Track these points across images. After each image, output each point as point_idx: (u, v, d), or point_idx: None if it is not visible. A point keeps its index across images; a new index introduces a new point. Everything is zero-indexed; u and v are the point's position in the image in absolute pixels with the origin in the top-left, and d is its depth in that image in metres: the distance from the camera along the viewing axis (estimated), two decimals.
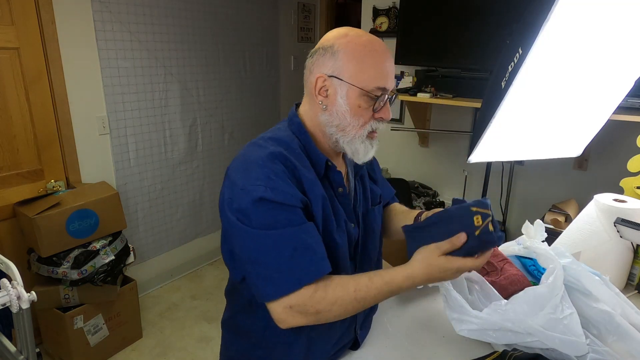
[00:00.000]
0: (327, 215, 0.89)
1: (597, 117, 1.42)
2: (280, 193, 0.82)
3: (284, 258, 0.81)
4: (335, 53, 0.87)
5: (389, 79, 0.88)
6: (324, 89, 0.89)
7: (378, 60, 0.87)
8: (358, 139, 0.90)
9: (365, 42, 0.87)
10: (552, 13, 0.97)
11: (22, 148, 2.11)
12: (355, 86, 0.86)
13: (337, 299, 0.82)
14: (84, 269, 2.01)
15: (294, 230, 0.82)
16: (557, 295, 0.85)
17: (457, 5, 2.30)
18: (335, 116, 0.89)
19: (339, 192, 0.94)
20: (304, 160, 0.89)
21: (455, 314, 0.92)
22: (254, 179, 0.83)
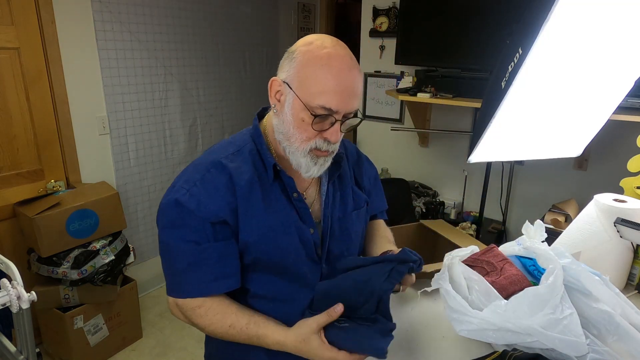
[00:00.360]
0: (265, 221, 0.89)
1: (597, 117, 1.42)
2: (196, 202, 0.85)
3: (177, 269, 0.88)
4: (293, 59, 0.85)
5: (339, 99, 0.82)
6: (279, 93, 0.88)
7: (330, 78, 0.81)
8: (300, 153, 0.88)
9: (324, 55, 0.82)
10: (552, 13, 0.97)
11: (22, 148, 2.11)
12: (299, 98, 0.83)
13: (212, 324, 0.88)
14: (84, 269, 2.01)
15: (194, 248, 0.86)
16: (557, 296, 0.85)
17: (457, 5, 2.30)
18: (282, 123, 0.88)
19: (294, 197, 0.93)
20: (249, 166, 0.90)
21: (455, 314, 0.92)
22: (184, 180, 0.89)
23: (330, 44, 0.84)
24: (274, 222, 0.90)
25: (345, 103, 0.83)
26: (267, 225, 0.90)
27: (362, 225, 1.09)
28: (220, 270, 0.88)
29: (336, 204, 1.01)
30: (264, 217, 0.89)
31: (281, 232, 0.91)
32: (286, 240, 0.91)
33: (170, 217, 0.87)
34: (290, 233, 0.92)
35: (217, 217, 0.86)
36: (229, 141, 0.96)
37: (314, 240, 0.95)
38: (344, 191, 1.03)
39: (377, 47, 2.99)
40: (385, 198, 1.25)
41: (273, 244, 0.90)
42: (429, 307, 1.16)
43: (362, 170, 1.12)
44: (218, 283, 0.88)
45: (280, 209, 0.92)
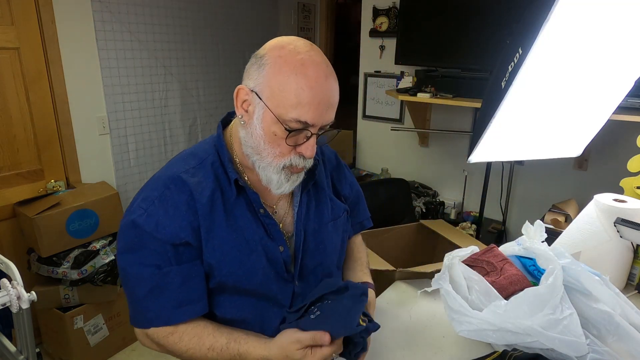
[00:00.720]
0: (229, 240, 0.83)
1: (597, 117, 1.42)
2: (154, 222, 0.79)
3: (138, 297, 0.81)
4: (262, 65, 0.76)
5: (315, 112, 0.74)
6: (246, 103, 0.80)
7: (305, 88, 0.73)
8: (272, 169, 0.80)
9: (298, 62, 0.74)
10: (552, 13, 0.97)
11: (22, 148, 2.11)
12: (270, 111, 0.75)
13: (190, 349, 0.82)
14: (84, 269, 2.01)
15: (155, 272, 0.79)
16: (557, 296, 0.85)
17: (457, 5, 2.31)
18: (250, 137, 0.80)
19: (260, 213, 0.86)
20: (210, 181, 0.83)
21: (455, 315, 0.92)
22: (142, 198, 0.82)
23: (304, 49, 0.76)
24: (238, 241, 0.83)
25: (322, 116, 0.76)
26: (230, 245, 0.83)
27: (340, 235, 1.01)
28: (184, 296, 0.81)
29: (310, 214, 0.94)
30: (227, 236, 0.83)
31: (246, 252, 0.84)
32: (252, 259, 0.85)
33: (127, 240, 0.80)
34: (257, 251, 0.85)
35: (178, 238, 0.79)
36: (190, 152, 0.88)
37: (284, 258, 0.88)
38: (320, 200, 0.96)
39: (377, 47, 2.99)
40: (386, 198, 1.24)
41: (238, 264, 0.83)
42: (429, 307, 1.16)
43: (342, 178, 1.06)
44: (183, 310, 0.81)
45: (245, 226, 0.84)
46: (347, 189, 1.07)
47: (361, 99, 3.17)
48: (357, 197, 1.11)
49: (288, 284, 0.90)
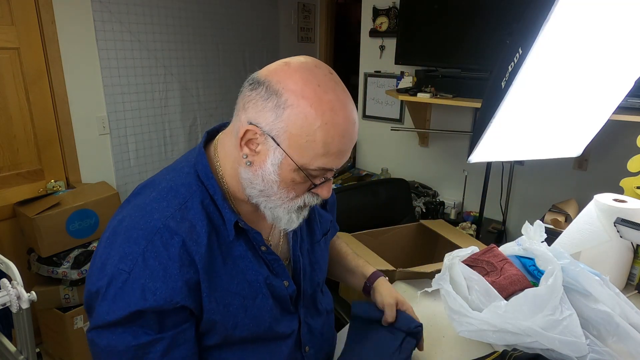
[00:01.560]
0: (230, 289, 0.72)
1: (597, 117, 1.42)
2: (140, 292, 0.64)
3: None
4: (281, 106, 0.64)
5: (340, 159, 0.69)
6: (253, 143, 0.68)
7: (334, 137, 0.65)
8: (283, 210, 0.73)
9: (327, 108, 0.64)
10: (552, 13, 0.97)
11: (22, 148, 2.11)
12: (292, 159, 0.67)
13: None
14: (84, 269, 2.01)
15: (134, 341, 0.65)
16: (556, 297, 0.85)
17: (457, 6, 2.31)
18: (259, 180, 0.70)
19: (262, 251, 0.77)
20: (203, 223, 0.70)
21: (456, 315, 0.92)
22: (118, 259, 0.65)
23: (329, 85, 0.66)
24: (241, 287, 0.74)
25: (345, 159, 0.70)
26: (232, 293, 0.73)
27: (327, 251, 0.98)
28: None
29: (304, 235, 0.88)
30: (228, 285, 0.72)
31: (250, 297, 0.75)
32: (257, 303, 0.76)
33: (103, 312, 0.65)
34: (262, 293, 0.76)
35: (171, 303, 0.65)
36: (167, 187, 0.72)
37: (290, 293, 0.82)
38: (311, 219, 0.90)
39: (377, 47, 2.99)
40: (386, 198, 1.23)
41: (243, 313, 0.74)
42: (429, 306, 1.16)
43: None
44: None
45: (246, 268, 0.74)
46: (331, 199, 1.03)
47: (361, 99, 3.17)
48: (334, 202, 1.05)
49: (293, 315, 0.85)
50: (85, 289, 0.69)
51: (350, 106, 0.68)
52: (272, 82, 0.66)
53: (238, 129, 0.69)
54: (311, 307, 0.91)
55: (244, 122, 0.68)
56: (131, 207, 0.72)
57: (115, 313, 0.64)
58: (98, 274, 0.66)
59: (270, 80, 0.66)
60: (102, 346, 0.66)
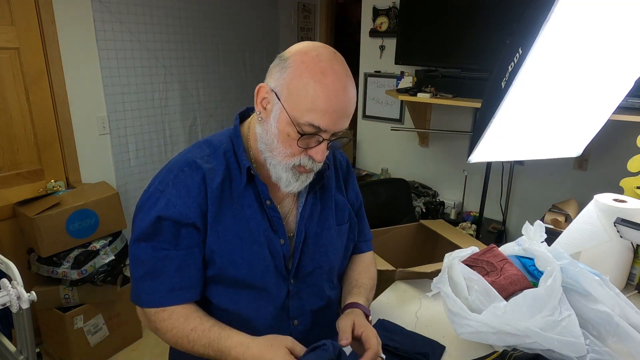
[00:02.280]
0: (233, 228, 0.85)
1: (597, 117, 1.42)
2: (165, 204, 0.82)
3: (135, 277, 0.85)
4: (284, 68, 0.78)
5: (329, 119, 0.77)
6: (265, 101, 0.82)
7: (321, 94, 0.75)
8: (282, 167, 0.83)
9: (319, 70, 0.76)
10: (552, 13, 0.97)
11: (22, 148, 2.11)
12: (286, 112, 0.78)
13: (174, 328, 0.83)
14: (84, 269, 2.01)
15: (154, 253, 0.83)
16: (555, 298, 0.85)
17: (457, 6, 2.30)
18: (265, 134, 0.83)
19: (267, 204, 0.88)
20: (222, 168, 0.86)
21: (455, 317, 0.92)
22: (159, 181, 0.86)
23: (327, 57, 0.78)
24: (242, 230, 0.86)
25: (335, 124, 0.79)
26: (234, 232, 0.85)
27: (344, 242, 1.02)
28: (178, 282, 0.84)
29: (314, 217, 0.94)
30: (232, 224, 0.85)
31: (249, 241, 0.86)
32: (254, 250, 0.86)
33: (141, 218, 0.85)
34: (260, 242, 0.87)
35: (185, 218, 0.82)
36: (205, 140, 0.92)
37: (284, 252, 0.90)
38: (326, 204, 0.97)
39: (377, 47, 2.99)
40: (386, 198, 1.24)
41: (239, 253, 0.85)
42: (429, 307, 1.16)
43: (350, 185, 1.06)
44: (175, 294, 0.84)
45: (250, 215, 0.86)
46: (352, 196, 1.07)
47: (361, 99, 3.17)
48: (360, 207, 1.10)
49: (284, 280, 0.91)
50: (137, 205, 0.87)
51: (344, 77, 0.79)
52: (284, 53, 0.82)
53: (255, 91, 0.83)
54: (309, 284, 0.95)
55: (259, 86, 0.83)
56: (180, 153, 0.91)
57: (144, 221, 0.83)
58: (144, 194, 0.86)
59: (284, 53, 0.82)
60: (133, 256, 0.85)
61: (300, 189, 0.87)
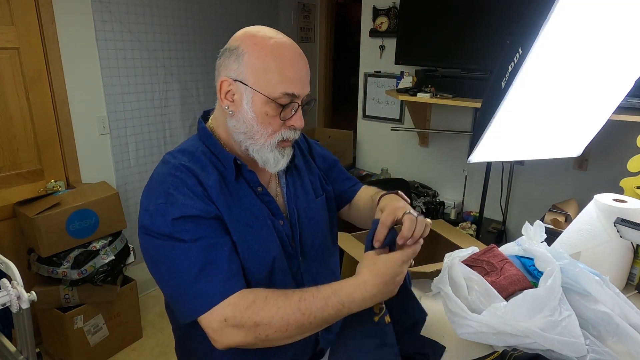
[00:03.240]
0: (242, 219, 0.86)
1: (597, 117, 1.42)
2: (180, 206, 0.79)
3: (188, 280, 0.77)
4: (240, 55, 0.82)
5: (298, 85, 0.83)
6: (230, 94, 0.85)
7: (285, 65, 0.81)
8: (267, 148, 0.86)
9: (273, 46, 0.81)
10: (552, 13, 0.97)
11: (22, 148, 2.11)
12: (260, 93, 0.82)
13: (279, 308, 0.75)
14: (84, 269, 2.01)
15: (201, 246, 0.78)
16: (555, 298, 0.85)
17: (457, 6, 2.30)
18: (242, 123, 0.85)
19: (259, 191, 0.91)
20: (210, 167, 0.86)
21: (455, 317, 0.92)
22: (155, 197, 0.81)
23: (272, 34, 0.84)
24: (249, 218, 0.87)
25: (304, 87, 0.84)
26: (243, 222, 0.86)
27: (326, 212, 1.05)
28: (234, 267, 0.81)
29: (298, 194, 0.99)
30: (239, 215, 0.86)
31: (258, 227, 0.87)
32: (264, 233, 0.88)
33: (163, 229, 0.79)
34: (267, 226, 0.89)
35: (208, 212, 0.81)
36: (176, 150, 0.91)
37: (285, 232, 0.93)
38: (302, 181, 1.02)
39: (377, 47, 2.99)
40: None
41: (253, 239, 0.86)
42: (429, 306, 1.16)
43: (315, 153, 1.11)
44: (235, 280, 0.79)
45: (251, 204, 0.88)
46: (320, 161, 1.11)
47: (361, 99, 3.17)
48: (335, 164, 1.15)
49: (294, 259, 0.95)
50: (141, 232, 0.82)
51: (294, 46, 0.84)
52: (231, 44, 0.85)
53: (217, 91, 0.86)
54: (315, 259, 0.99)
55: (219, 81, 0.85)
56: (154, 170, 0.89)
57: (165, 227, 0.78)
58: (144, 215, 0.82)
59: (229, 44, 0.85)
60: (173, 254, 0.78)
61: (286, 165, 0.91)
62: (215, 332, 0.76)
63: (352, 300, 0.77)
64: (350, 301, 0.77)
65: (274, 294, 0.78)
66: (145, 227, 0.81)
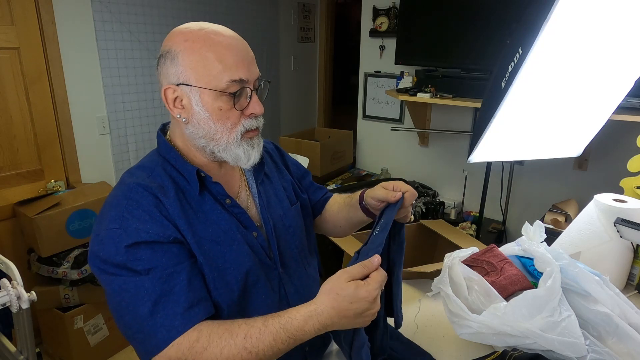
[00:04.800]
0: (207, 236, 0.79)
1: (597, 117, 1.42)
2: (134, 232, 0.72)
3: (144, 314, 0.71)
4: (174, 57, 0.77)
5: (243, 68, 0.77)
6: (177, 101, 0.79)
7: (222, 52, 0.76)
8: (233, 144, 0.80)
9: (204, 36, 0.76)
10: (552, 13, 0.97)
11: (22, 148, 2.11)
12: (206, 89, 0.76)
13: (223, 347, 0.69)
14: (84, 269, 2.01)
15: (156, 276, 0.71)
16: (555, 299, 0.85)
17: (457, 5, 2.30)
18: (198, 127, 0.79)
19: (227, 204, 0.84)
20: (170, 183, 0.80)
21: (455, 318, 0.92)
22: (107, 222, 0.74)
23: (198, 25, 0.78)
24: (216, 234, 0.80)
25: (250, 70, 0.79)
26: (209, 240, 0.79)
27: (302, 220, 1.01)
28: (193, 296, 0.74)
29: (272, 203, 0.94)
30: (204, 232, 0.79)
31: (227, 243, 0.81)
32: (234, 249, 0.81)
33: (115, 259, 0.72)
34: (237, 240, 0.82)
35: (165, 236, 0.74)
36: (135, 167, 0.85)
37: (260, 243, 0.87)
38: (276, 189, 0.98)
39: (377, 47, 2.99)
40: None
41: (221, 258, 0.79)
42: (429, 306, 1.16)
43: (288, 162, 1.08)
44: (195, 310, 0.73)
45: (217, 219, 0.82)
46: (294, 170, 1.09)
47: (361, 99, 3.17)
48: (305, 174, 1.12)
49: (273, 270, 0.89)
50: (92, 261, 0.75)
51: (227, 29, 0.79)
52: (163, 49, 0.79)
53: (163, 100, 0.80)
54: (295, 268, 0.95)
55: (163, 91, 0.80)
56: (111, 192, 0.83)
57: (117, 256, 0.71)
58: (94, 240, 0.75)
59: (162, 50, 0.80)
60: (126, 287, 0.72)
61: (259, 156, 0.85)
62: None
63: (304, 333, 0.70)
64: (302, 334, 0.70)
65: (219, 331, 0.71)
66: (97, 256, 0.74)
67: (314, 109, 4.13)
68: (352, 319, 0.69)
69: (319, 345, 1.00)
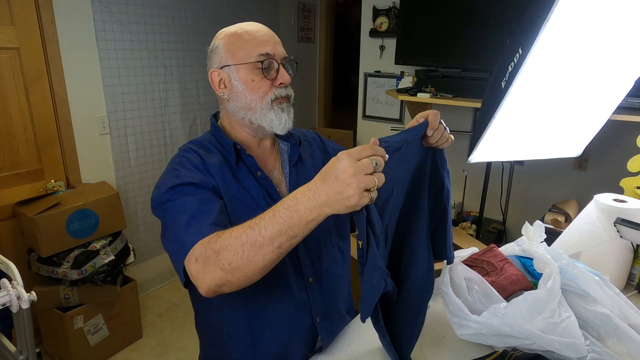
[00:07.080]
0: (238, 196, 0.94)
1: (597, 117, 1.42)
2: (183, 177, 0.89)
3: (181, 225, 0.82)
4: (217, 49, 0.97)
5: (269, 45, 0.94)
6: (222, 82, 0.97)
7: (252, 34, 0.94)
8: (265, 109, 0.95)
9: (237, 28, 0.96)
10: (552, 13, 0.97)
11: (22, 148, 2.11)
12: (240, 64, 0.94)
13: (233, 231, 0.75)
14: (84, 269, 2.01)
15: (197, 200, 0.86)
16: (555, 300, 0.85)
17: (457, 5, 2.30)
18: (238, 100, 0.96)
19: (258, 176, 0.98)
20: (215, 151, 0.97)
21: (456, 318, 0.92)
22: (164, 175, 0.93)
23: (240, 24, 0.97)
24: (246, 197, 0.94)
25: (275, 48, 0.94)
26: (239, 200, 0.93)
27: None
28: (220, 220, 0.84)
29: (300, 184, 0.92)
30: (237, 193, 0.94)
31: (253, 207, 0.93)
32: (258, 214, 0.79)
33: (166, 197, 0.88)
34: (262, 207, 0.90)
35: (207, 183, 0.90)
36: (191, 141, 1.03)
37: None
38: (308, 173, 1.06)
39: (377, 47, 2.99)
40: None
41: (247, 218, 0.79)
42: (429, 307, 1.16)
43: (327, 147, 1.16)
44: (221, 226, 0.81)
45: (248, 186, 0.96)
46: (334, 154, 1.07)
47: (361, 99, 3.17)
48: None
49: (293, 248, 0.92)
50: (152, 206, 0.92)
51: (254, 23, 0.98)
52: (209, 48, 1.00)
53: (212, 86, 0.99)
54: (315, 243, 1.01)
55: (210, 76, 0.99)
56: None
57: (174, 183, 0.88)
58: (154, 192, 0.92)
59: (208, 50, 1.01)
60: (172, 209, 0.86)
61: (291, 122, 0.98)
62: (193, 277, 0.77)
63: (297, 201, 0.70)
64: (295, 204, 0.70)
65: (234, 229, 0.76)
66: (153, 200, 0.91)
67: (314, 109, 4.13)
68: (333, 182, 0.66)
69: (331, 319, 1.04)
